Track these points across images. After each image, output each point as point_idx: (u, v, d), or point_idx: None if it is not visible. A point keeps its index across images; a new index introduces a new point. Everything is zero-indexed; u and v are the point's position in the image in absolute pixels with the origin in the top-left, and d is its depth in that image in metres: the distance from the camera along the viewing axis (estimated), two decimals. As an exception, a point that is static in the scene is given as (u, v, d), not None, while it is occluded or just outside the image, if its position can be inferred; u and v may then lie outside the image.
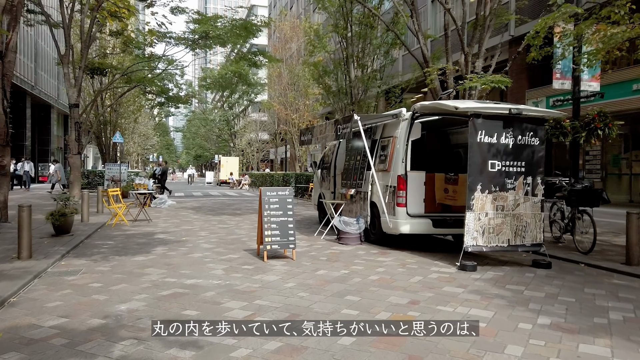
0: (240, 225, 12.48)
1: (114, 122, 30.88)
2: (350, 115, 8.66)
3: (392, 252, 8.48)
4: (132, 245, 9.07)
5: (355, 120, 8.52)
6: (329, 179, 12.31)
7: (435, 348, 3.92)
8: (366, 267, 7.14)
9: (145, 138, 50.81)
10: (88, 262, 7.42)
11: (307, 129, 11.69)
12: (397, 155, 8.56)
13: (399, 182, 8.42)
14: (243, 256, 7.96)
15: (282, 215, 7.65)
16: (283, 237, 7.58)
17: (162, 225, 12.28)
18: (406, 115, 8.64)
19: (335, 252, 8.45)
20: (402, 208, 8.39)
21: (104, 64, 24.71)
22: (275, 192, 7.72)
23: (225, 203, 20.68)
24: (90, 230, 10.78)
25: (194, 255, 8.01)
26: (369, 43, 21.92)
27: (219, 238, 10.09)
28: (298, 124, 33.53)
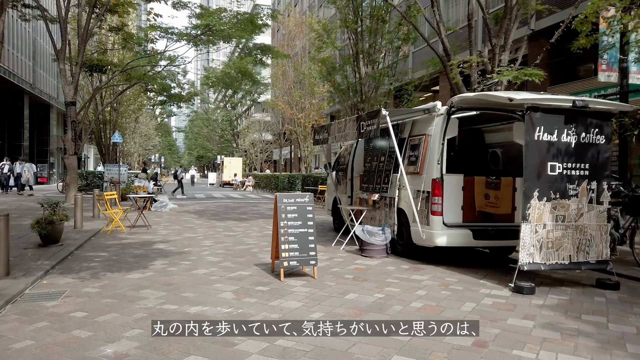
0: (248, 232, 11.37)
1: (114, 122, 29.83)
2: (377, 111, 7.55)
3: (426, 268, 7.36)
4: (127, 258, 7.97)
5: (383, 116, 7.41)
6: (345, 182, 11.20)
7: None
8: (402, 288, 6.02)
9: (147, 138, 49.73)
10: (74, 281, 6.32)
11: (322, 127, 10.58)
12: (431, 156, 7.44)
13: (434, 186, 7.30)
14: (255, 273, 6.85)
15: (301, 226, 6.54)
16: (302, 251, 6.46)
17: (162, 233, 11.18)
18: (441, 109, 7.53)
19: (361, 267, 7.33)
20: (437, 217, 7.27)
21: (103, 60, 23.61)
22: (293, 198, 6.61)
23: (229, 206, 19.59)
24: (82, 239, 9.69)
25: (198, 272, 6.90)
26: (380, 38, 20.83)
27: (225, 249, 8.98)
28: (304, 123, 32.45)
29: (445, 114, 7.45)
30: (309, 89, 32.10)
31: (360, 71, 20.94)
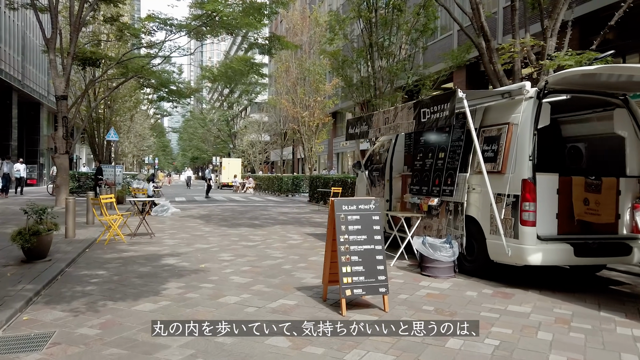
0: (268, 243, 9.77)
1: (108, 120, 28.09)
2: (449, 93, 6.00)
3: (515, 293, 5.80)
4: (132, 279, 6.36)
5: (460, 99, 5.85)
6: (382, 184, 9.64)
7: None
8: (513, 328, 4.45)
9: (142, 138, 47.89)
10: (65, 316, 4.71)
11: (358, 118, 9.02)
12: (520, 151, 5.90)
13: (525, 189, 5.76)
14: (302, 302, 5.26)
15: (366, 242, 4.96)
16: (369, 275, 4.88)
17: (168, 243, 9.55)
18: (530, 91, 5.98)
19: (433, 292, 5.75)
20: (529, 228, 5.73)
21: (97, 53, 21.87)
22: (354, 205, 5.03)
23: (235, 210, 17.95)
24: (75, 252, 8.05)
25: (228, 301, 5.30)
26: (397, 28, 19.32)
27: (250, 265, 7.38)
28: (308, 122, 30.86)
29: (535, 96, 5.92)
30: (313, 86, 30.53)
31: (374, 64, 19.44)
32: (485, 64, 11.83)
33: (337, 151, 40.67)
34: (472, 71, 22.97)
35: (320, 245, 9.40)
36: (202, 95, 67.96)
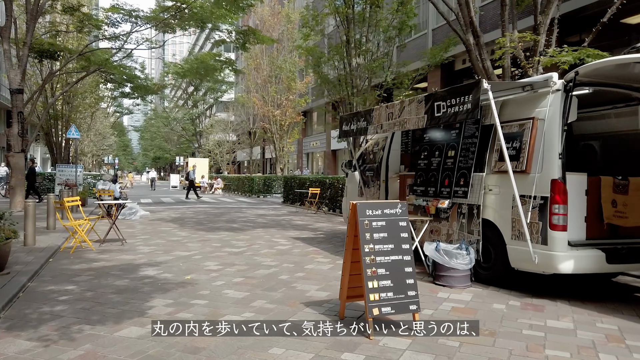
0: (254, 248, 8.99)
1: (67, 116, 26.44)
2: (473, 83, 5.43)
3: (545, 305, 5.28)
4: (109, 295, 5.48)
5: (485, 90, 5.29)
6: (376, 185, 9.05)
7: None
8: (569, 350, 3.89)
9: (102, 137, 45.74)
10: (34, 347, 3.85)
11: (355, 114, 8.37)
12: (548, 148, 5.39)
13: (554, 190, 5.25)
14: (316, 320, 4.55)
15: (393, 252, 4.31)
16: (398, 290, 4.24)
17: (143, 250, 8.63)
18: (557, 84, 5.48)
19: (459, 306, 5.15)
20: (560, 233, 5.22)
21: (56, 45, 20.38)
22: (379, 209, 4.37)
23: (209, 212, 16.99)
24: (37, 263, 7.06)
25: (228, 322, 4.53)
26: (375, 25, 18.85)
27: (242, 275, 6.60)
28: (280, 121, 30.06)
29: (562, 89, 5.43)
30: (285, 83, 29.77)
31: (351, 62, 18.91)
32: (473, 61, 11.44)
33: (307, 151, 40.00)
34: (447, 71, 22.83)
35: (312, 251, 8.71)
36: (165, 93, 65.79)
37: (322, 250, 8.81)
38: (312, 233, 11.31)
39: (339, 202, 17.17)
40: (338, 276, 6.53)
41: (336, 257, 8.01)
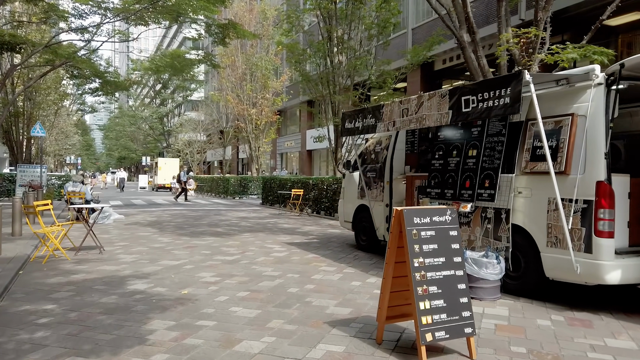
0: (249, 255, 8.28)
1: (29, 113, 24.85)
2: (512, 75, 4.92)
3: (592, 319, 4.81)
4: (97, 316, 4.70)
5: (527, 82, 4.78)
6: (379, 187, 8.48)
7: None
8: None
9: (65, 136, 43.66)
10: (14, 393, 3.08)
11: (360, 110, 7.76)
12: (592, 147, 4.94)
13: (600, 193, 4.79)
14: (353, 349, 3.92)
15: (445, 266, 3.74)
16: (452, 311, 3.66)
17: (125, 259, 7.79)
18: (599, 77, 5.03)
19: (502, 324, 4.61)
20: (607, 240, 4.77)
21: (17, 37, 18.98)
22: (427, 217, 3.78)
23: (187, 215, 16.08)
24: (6, 277, 6.18)
25: (248, 350, 3.85)
26: (358, 22, 18.37)
27: (246, 289, 5.90)
28: (255, 120, 29.22)
29: (604, 83, 4.99)
30: (261, 81, 28.96)
31: (333, 59, 18.38)
32: (466, 59, 11.05)
33: (281, 151, 39.23)
34: (427, 70, 22.60)
35: (313, 258, 8.07)
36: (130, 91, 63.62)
37: (323, 257, 8.18)
38: (304, 237, 10.66)
39: (323, 203, 16.58)
40: (352, 288, 5.94)
41: (342, 265, 7.40)
